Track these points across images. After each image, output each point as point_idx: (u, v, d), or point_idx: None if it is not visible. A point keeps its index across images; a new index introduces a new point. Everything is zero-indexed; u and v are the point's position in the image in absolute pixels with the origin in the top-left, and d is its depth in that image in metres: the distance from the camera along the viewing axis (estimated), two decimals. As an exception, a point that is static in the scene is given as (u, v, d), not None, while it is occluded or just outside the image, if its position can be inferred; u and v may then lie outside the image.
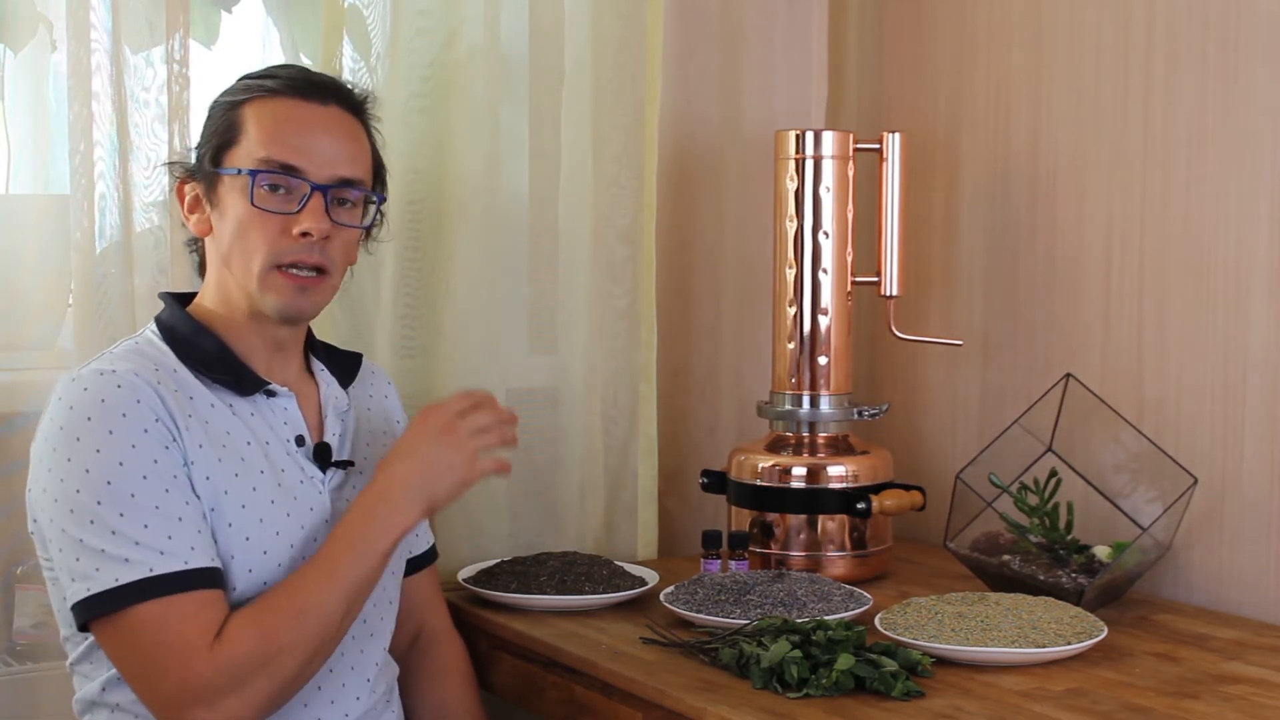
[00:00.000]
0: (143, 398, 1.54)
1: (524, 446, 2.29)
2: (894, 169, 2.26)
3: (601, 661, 1.77)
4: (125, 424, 1.52)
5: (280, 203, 1.62)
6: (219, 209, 1.64)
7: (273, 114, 1.63)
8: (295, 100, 1.64)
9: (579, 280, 2.30)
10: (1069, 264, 2.25)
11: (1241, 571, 2.02)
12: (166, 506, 1.51)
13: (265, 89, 1.65)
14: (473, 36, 2.18)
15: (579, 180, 2.29)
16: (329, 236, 1.63)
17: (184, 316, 1.66)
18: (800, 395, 2.24)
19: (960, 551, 2.07)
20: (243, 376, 1.64)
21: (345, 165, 1.65)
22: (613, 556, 2.25)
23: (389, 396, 1.88)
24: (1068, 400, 2.10)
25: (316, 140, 1.63)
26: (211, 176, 1.65)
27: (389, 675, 1.76)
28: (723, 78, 2.47)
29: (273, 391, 1.66)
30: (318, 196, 1.62)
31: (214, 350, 1.64)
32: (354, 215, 1.68)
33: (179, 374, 1.61)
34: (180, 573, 1.50)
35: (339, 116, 1.67)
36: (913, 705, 1.59)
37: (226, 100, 1.67)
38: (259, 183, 1.60)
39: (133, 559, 1.49)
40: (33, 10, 1.98)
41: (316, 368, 1.75)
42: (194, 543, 1.52)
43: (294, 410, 1.67)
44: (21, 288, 1.98)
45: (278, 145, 1.61)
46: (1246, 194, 2.01)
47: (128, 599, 1.48)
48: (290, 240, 1.61)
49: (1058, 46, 2.26)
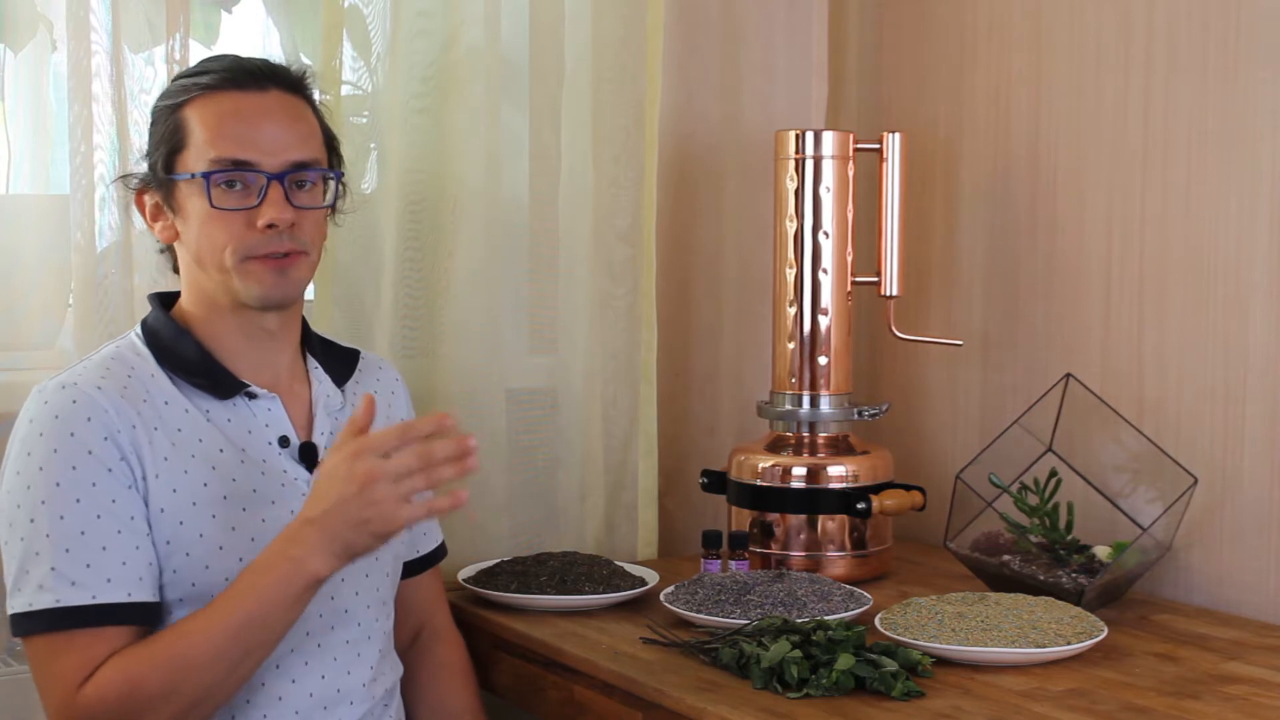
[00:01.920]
0: (95, 415, 1.53)
1: (524, 446, 2.30)
2: (894, 169, 2.26)
3: (601, 661, 1.77)
4: (71, 443, 1.52)
5: (239, 198, 1.60)
6: (180, 214, 1.63)
7: (214, 111, 1.61)
8: (234, 92, 1.62)
9: (579, 280, 2.30)
10: (1069, 264, 2.25)
11: (1241, 571, 2.02)
12: (92, 533, 1.50)
13: (201, 85, 1.62)
14: (473, 37, 2.18)
15: (579, 180, 2.29)
16: (295, 222, 1.61)
17: (167, 320, 1.66)
18: (800, 395, 2.24)
19: (960, 551, 2.07)
20: (220, 380, 1.63)
21: (296, 149, 1.63)
22: (613, 556, 2.25)
23: (396, 393, 1.85)
24: (1068, 400, 2.10)
25: (262, 129, 1.61)
26: (167, 184, 1.63)
27: (389, 678, 1.75)
28: (723, 78, 2.47)
29: (254, 394, 1.64)
30: (275, 186, 1.60)
31: (193, 354, 1.63)
32: (315, 196, 1.66)
33: (155, 379, 1.60)
34: (86, 606, 1.49)
35: (281, 100, 1.64)
36: (913, 705, 1.59)
37: (167, 104, 1.65)
38: (214, 182, 1.59)
39: (45, 585, 1.49)
40: (33, 10, 1.98)
41: (311, 365, 1.74)
42: (112, 574, 1.50)
43: (278, 411, 1.66)
44: (21, 288, 1.98)
45: (225, 142, 1.60)
46: (1246, 194, 2.01)
47: (33, 626, 1.50)
48: (256, 233, 1.60)
49: (1058, 46, 2.26)
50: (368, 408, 1.49)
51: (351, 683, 1.66)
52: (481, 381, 2.21)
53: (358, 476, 1.44)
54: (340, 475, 1.45)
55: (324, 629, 1.63)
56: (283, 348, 1.70)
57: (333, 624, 1.64)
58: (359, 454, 1.44)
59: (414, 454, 1.45)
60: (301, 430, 1.69)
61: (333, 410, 1.72)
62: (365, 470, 1.43)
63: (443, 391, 2.18)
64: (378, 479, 1.44)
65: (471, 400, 2.20)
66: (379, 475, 1.44)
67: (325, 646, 1.64)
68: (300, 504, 1.60)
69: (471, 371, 2.20)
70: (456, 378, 2.18)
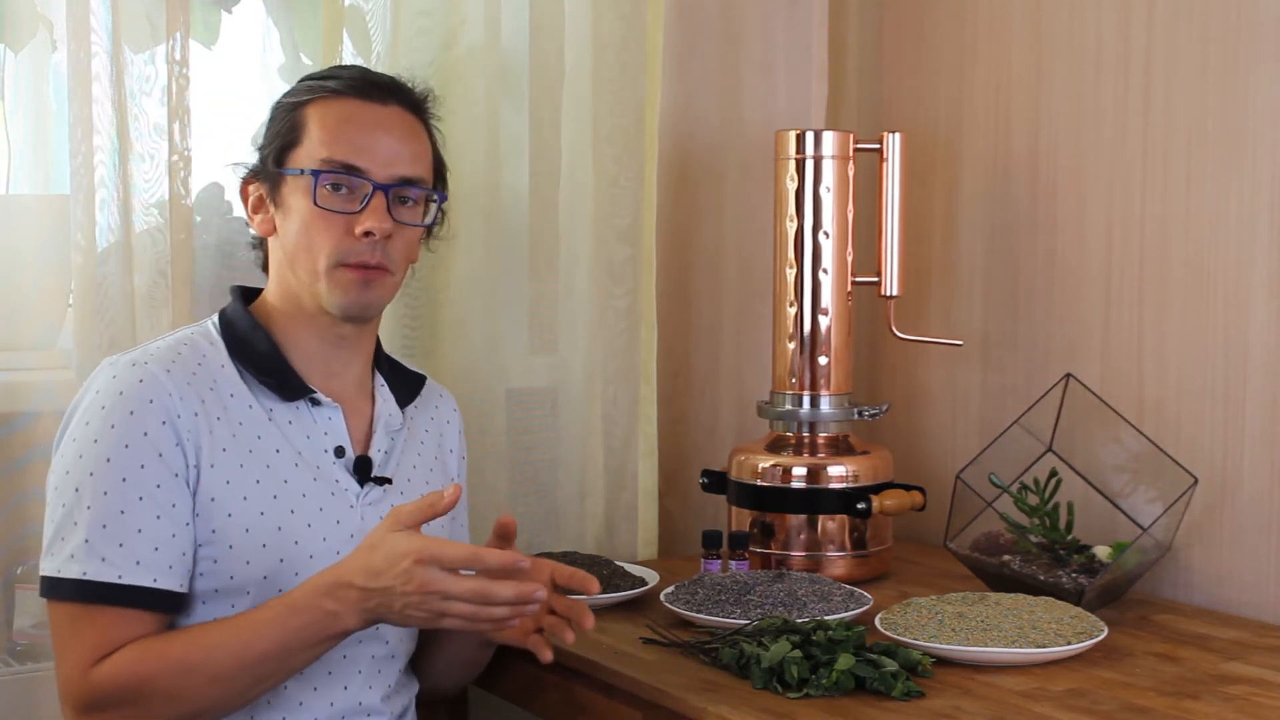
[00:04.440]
0: (158, 398, 1.54)
1: (524, 446, 2.30)
2: (894, 169, 2.26)
3: (602, 661, 1.77)
4: (129, 422, 1.53)
5: (343, 202, 1.63)
6: (283, 209, 1.66)
7: (335, 114, 1.65)
8: (356, 100, 1.66)
9: (579, 280, 2.30)
10: (1069, 264, 2.25)
11: (1241, 571, 2.02)
12: (132, 514, 1.52)
13: (327, 90, 1.66)
14: (473, 36, 2.18)
15: (579, 180, 2.29)
16: (390, 235, 1.64)
17: (244, 313, 1.67)
18: (800, 395, 2.24)
19: (960, 551, 2.07)
20: (288, 381, 1.64)
21: (406, 164, 1.66)
22: (613, 556, 2.25)
23: (451, 422, 1.86)
24: (1068, 400, 2.10)
25: (378, 140, 1.64)
26: (275, 177, 1.66)
27: (406, 696, 1.74)
28: (723, 78, 2.47)
29: (317, 400, 1.65)
30: (380, 196, 1.63)
31: (265, 350, 1.65)
32: (415, 214, 1.69)
33: (224, 370, 1.62)
34: (109, 584, 1.50)
35: (399, 116, 1.68)
36: (913, 705, 1.59)
37: (289, 101, 1.68)
38: (322, 182, 1.62)
39: (78, 555, 1.50)
40: (33, 10, 1.98)
41: (378, 382, 1.75)
42: (142, 558, 1.52)
43: (338, 421, 1.66)
44: (21, 288, 1.98)
45: (340, 145, 1.63)
46: (1246, 194, 2.01)
47: (58, 592, 1.52)
48: (353, 240, 1.62)
49: (1058, 46, 2.26)
50: (455, 497, 1.48)
51: (372, 697, 1.66)
52: (481, 381, 2.21)
53: (415, 581, 1.44)
54: (400, 569, 1.44)
55: (352, 643, 1.62)
56: (354, 359, 1.71)
57: (361, 639, 1.63)
58: (426, 561, 1.44)
59: (472, 589, 1.45)
60: (359, 444, 1.69)
61: (392, 429, 1.72)
62: (424, 580, 1.44)
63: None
64: (432, 592, 1.44)
65: (471, 400, 2.20)
66: (434, 589, 1.44)
67: (351, 659, 1.64)
68: (348, 516, 1.63)
69: (471, 371, 2.20)
70: (456, 378, 2.18)
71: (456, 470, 1.86)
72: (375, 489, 1.68)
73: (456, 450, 1.86)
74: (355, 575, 1.47)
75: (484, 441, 2.21)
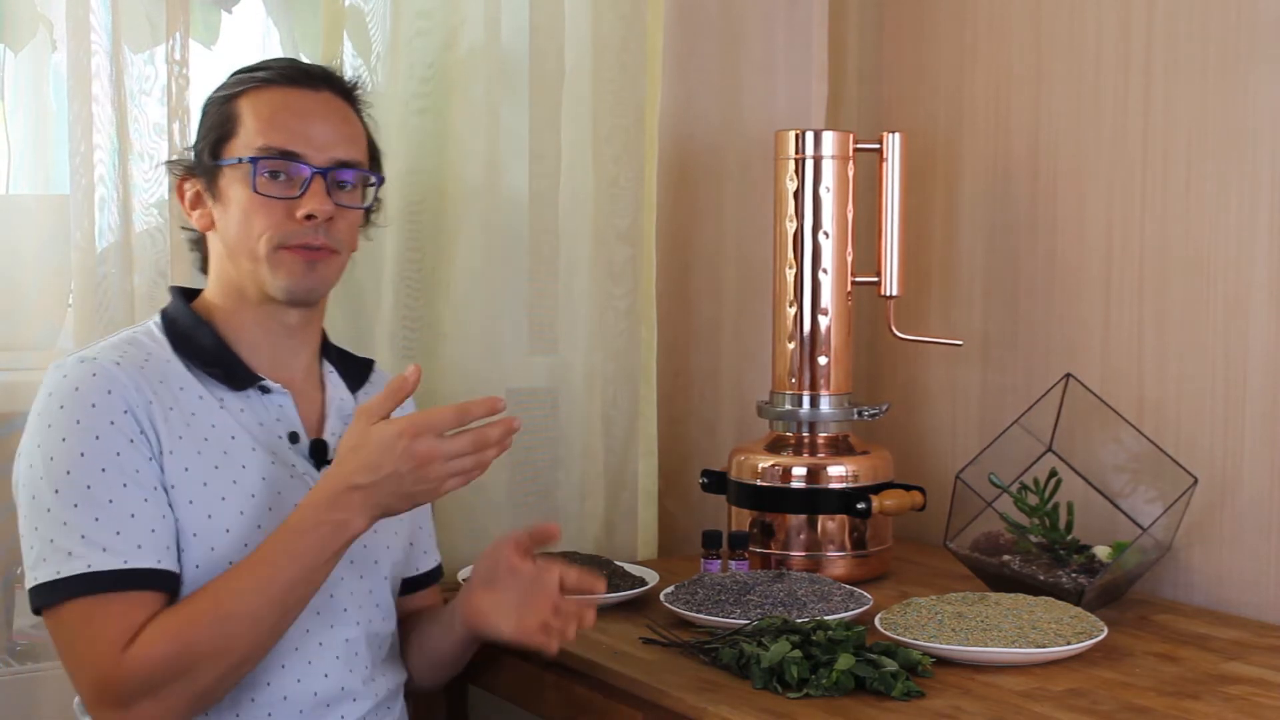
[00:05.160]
0: (114, 388, 1.55)
1: (524, 446, 2.30)
2: (894, 169, 2.26)
3: (601, 661, 1.77)
4: (93, 414, 1.53)
5: (282, 188, 1.63)
6: (221, 201, 1.66)
7: (268, 103, 1.65)
8: (289, 88, 1.67)
9: (579, 280, 2.30)
10: (1069, 264, 2.25)
11: (1241, 571, 2.02)
12: (120, 501, 1.52)
13: (258, 80, 1.67)
14: (473, 36, 2.18)
15: (579, 180, 2.29)
16: (332, 218, 1.65)
17: (186, 310, 1.68)
18: (800, 395, 2.24)
19: (960, 551, 2.07)
20: (235, 371, 1.65)
21: (342, 148, 1.67)
22: (613, 556, 2.25)
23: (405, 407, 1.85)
24: (1068, 400, 2.10)
25: (313, 125, 1.65)
26: (212, 170, 1.66)
27: (392, 680, 1.74)
28: (723, 78, 2.47)
29: (266, 388, 1.66)
30: (318, 180, 1.64)
31: (210, 344, 1.65)
32: (354, 197, 1.70)
33: (171, 364, 1.62)
34: (118, 571, 1.50)
35: (332, 101, 1.69)
36: (913, 705, 1.59)
37: (221, 95, 1.69)
38: (260, 170, 1.62)
39: (75, 553, 1.50)
40: (33, 10, 1.99)
41: (326, 369, 1.76)
42: (141, 540, 1.52)
43: (289, 407, 1.67)
44: (21, 288, 1.98)
45: (276, 132, 1.63)
46: (1246, 194, 2.01)
47: (64, 593, 1.50)
48: (295, 224, 1.63)
49: (1058, 46, 2.26)
50: (417, 376, 1.54)
51: (354, 680, 1.66)
52: (481, 381, 2.21)
53: (417, 455, 1.49)
54: (397, 450, 1.49)
55: (324, 627, 1.64)
56: (300, 348, 1.72)
57: (332, 622, 1.64)
58: (419, 433, 1.49)
59: (469, 439, 1.51)
60: (312, 429, 1.70)
61: (344, 414, 1.74)
62: (425, 450, 1.49)
63: (443, 391, 2.18)
64: (435, 459, 1.50)
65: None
66: (437, 455, 1.50)
67: (327, 645, 1.64)
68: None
69: (471, 371, 2.20)
70: (456, 378, 2.18)
71: None
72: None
73: None
74: (354, 476, 1.50)
75: (484, 441, 2.21)
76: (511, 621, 1.66)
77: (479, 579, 1.72)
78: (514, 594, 1.67)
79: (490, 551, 1.71)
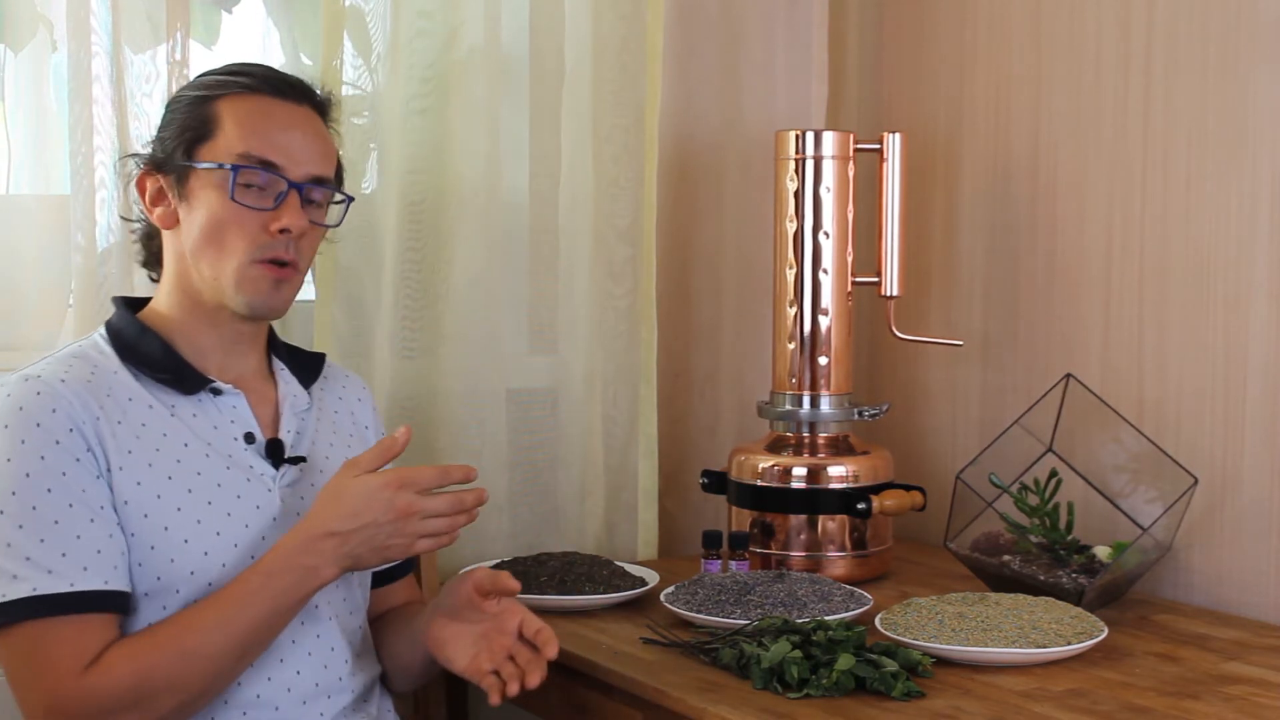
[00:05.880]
0: (59, 406, 1.53)
1: (524, 446, 2.30)
2: (894, 169, 2.26)
3: (602, 661, 1.77)
4: (38, 434, 1.51)
5: (257, 199, 1.62)
6: (188, 202, 1.63)
7: (250, 110, 1.64)
8: (271, 98, 1.65)
9: (579, 280, 2.30)
10: (1069, 264, 2.25)
11: (1241, 571, 2.02)
12: (66, 522, 1.50)
13: (240, 85, 1.65)
14: (473, 36, 2.18)
15: (579, 180, 2.29)
16: (304, 234, 1.64)
17: (130, 319, 1.66)
18: (800, 395, 2.24)
19: (960, 552, 2.07)
20: (185, 375, 1.63)
21: (318, 164, 1.66)
22: (613, 556, 2.26)
23: (362, 400, 1.85)
24: (1068, 400, 2.11)
25: (293, 138, 1.64)
26: (183, 170, 1.63)
27: (368, 675, 1.73)
28: (723, 78, 2.47)
29: (218, 390, 1.64)
30: (294, 194, 1.63)
31: (157, 351, 1.63)
32: (321, 215, 1.69)
33: (118, 375, 1.60)
34: (64, 594, 1.49)
35: (310, 116, 1.68)
36: (913, 705, 1.59)
37: (195, 95, 1.66)
38: (239, 179, 1.61)
39: (20, 575, 1.48)
40: (33, 10, 1.98)
41: (276, 367, 1.74)
42: (88, 562, 1.50)
43: (243, 408, 1.66)
44: (22, 288, 1.98)
45: (258, 141, 1.62)
46: (1246, 194, 2.01)
47: (10, 616, 1.49)
48: (268, 236, 1.61)
49: (1058, 46, 2.26)
50: (407, 437, 1.56)
51: (328, 676, 1.65)
52: (481, 381, 2.21)
53: (398, 507, 1.52)
54: (380, 501, 1.52)
55: (295, 624, 1.62)
56: (249, 351, 1.71)
57: (303, 619, 1.63)
58: (402, 486, 1.52)
59: (448, 501, 1.54)
60: (267, 429, 1.68)
61: (299, 410, 1.72)
62: (406, 503, 1.52)
63: (443, 391, 2.18)
64: (414, 514, 1.52)
65: (471, 400, 2.20)
66: (416, 510, 1.52)
67: (299, 642, 1.63)
68: (267, 500, 1.62)
69: (471, 371, 2.20)
70: (456, 378, 2.18)
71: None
72: (291, 469, 1.66)
73: (373, 426, 1.84)
74: (331, 523, 1.52)
75: (484, 441, 2.21)
76: (466, 657, 1.65)
77: (443, 609, 1.70)
78: (473, 628, 1.66)
79: (455, 585, 1.69)
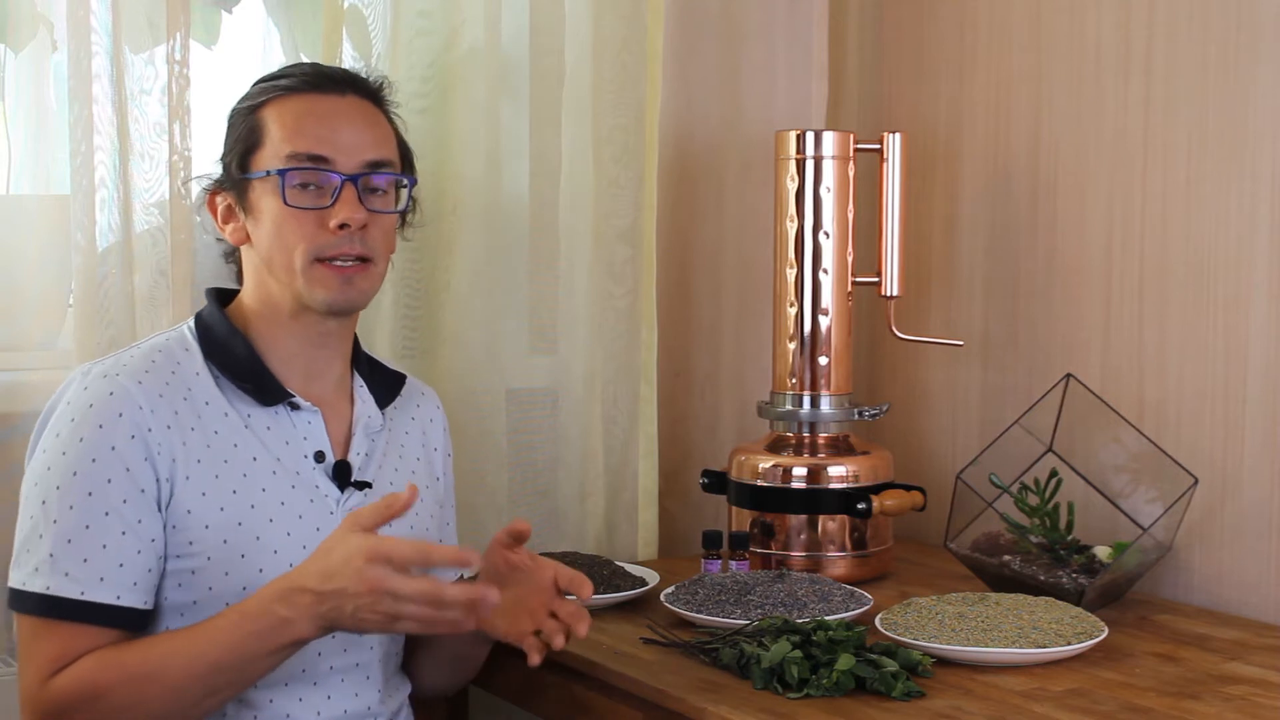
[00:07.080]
0: (126, 411, 1.52)
1: (524, 446, 2.30)
2: (894, 169, 2.26)
3: (602, 661, 1.77)
4: (98, 436, 1.51)
5: (313, 198, 1.60)
6: (253, 215, 1.63)
7: (292, 110, 1.62)
8: (313, 94, 1.63)
9: (579, 280, 2.30)
10: (1069, 264, 2.25)
11: (1241, 571, 2.02)
12: (97, 529, 1.50)
13: (281, 88, 1.64)
14: (473, 36, 2.18)
15: (579, 180, 2.29)
16: (366, 225, 1.61)
17: (221, 317, 1.64)
18: (801, 395, 2.24)
19: (961, 552, 2.07)
20: (266, 386, 1.61)
21: (371, 150, 1.63)
22: (613, 556, 2.26)
23: (434, 420, 1.83)
24: (1068, 400, 2.10)
25: (339, 129, 1.62)
26: (241, 183, 1.63)
27: (398, 698, 1.73)
28: (723, 78, 2.47)
29: (296, 405, 1.63)
30: (349, 187, 1.60)
31: (243, 355, 1.62)
32: (387, 201, 1.66)
33: (199, 378, 1.59)
34: (71, 600, 1.49)
35: (358, 104, 1.66)
36: (913, 705, 1.59)
37: (245, 106, 1.65)
38: (289, 181, 1.59)
39: (42, 569, 1.49)
40: (33, 10, 1.98)
41: (357, 383, 1.72)
42: (107, 574, 1.50)
43: (318, 425, 1.64)
44: (21, 288, 1.98)
45: (302, 139, 1.60)
46: (1246, 194, 2.01)
47: (23, 605, 1.51)
48: (329, 234, 1.59)
49: (1058, 46, 2.26)
50: (410, 499, 1.45)
51: (358, 705, 1.64)
52: (481, 382, 2.21)
53: (366, 579, 1.41)
54: (352, 569, 1.41)
55: (336, 651, 1.61)
56: (334, 359, 1.68)
57: (345, 646, 1.62)
58: (373, 559, 1.41)
59: (423, 590, 1.41)
60: (338, 448, 1.67)
61: (371, 431, 1.70)
62: (374, 577, 1.40)
63: (443, 391, 2.17)
64: (383, 593, 1.41)
65: (471, 400, 2.20)
66: (385, 590, 1.41)
67: (336, 669, 1.62)
68: (328, 522, 1.60)
69: (471, 372, 2.20)
70: (456, 378, 2.18)
71: (443, 467, 1.83)
72: (356, 494, 1.65)
73: (442, 448, 1.83)
74: (309, 579, 1.43)
75: (484, 441, 2.21)
76: (507, 619, 1.63)
77: (484, 577, 1.67)
78: (509, 593, 1.62)
79: (488, 553, 1.68)
